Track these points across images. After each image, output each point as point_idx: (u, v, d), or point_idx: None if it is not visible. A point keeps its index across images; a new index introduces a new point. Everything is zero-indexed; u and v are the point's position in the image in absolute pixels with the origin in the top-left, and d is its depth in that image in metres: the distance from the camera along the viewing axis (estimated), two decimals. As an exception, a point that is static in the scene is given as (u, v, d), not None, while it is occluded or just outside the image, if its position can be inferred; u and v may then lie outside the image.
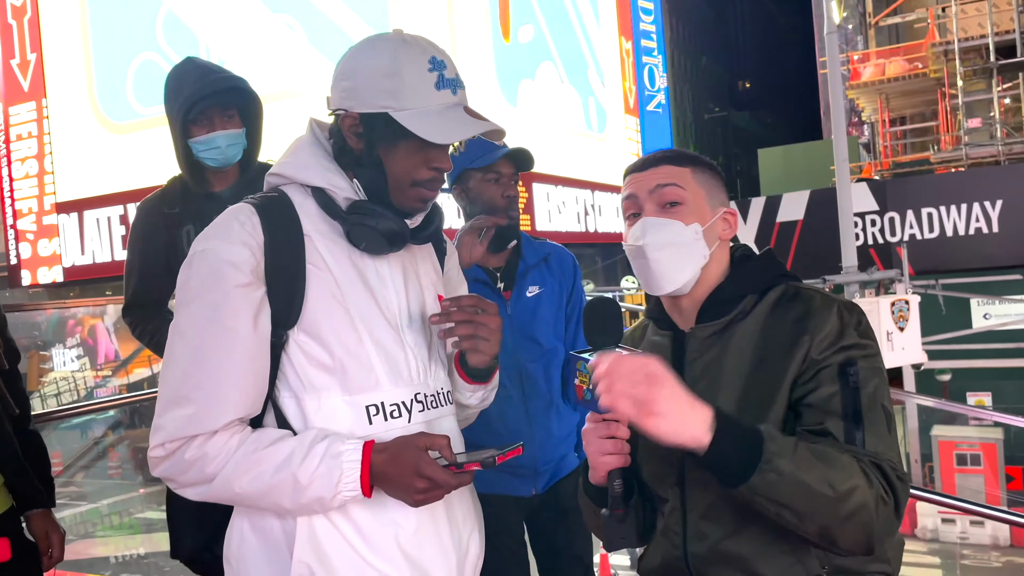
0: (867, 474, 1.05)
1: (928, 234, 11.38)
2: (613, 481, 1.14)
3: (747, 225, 12.90)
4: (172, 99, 2.03)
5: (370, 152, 1.23)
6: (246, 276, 1.17)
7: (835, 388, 1.11)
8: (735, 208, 1.29)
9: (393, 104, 1.18)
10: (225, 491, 1.17)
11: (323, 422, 1.20)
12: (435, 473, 1.13)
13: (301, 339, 1.20)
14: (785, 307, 1.19)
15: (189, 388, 1.15)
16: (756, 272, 1.24)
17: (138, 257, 2.18)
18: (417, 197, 1.24)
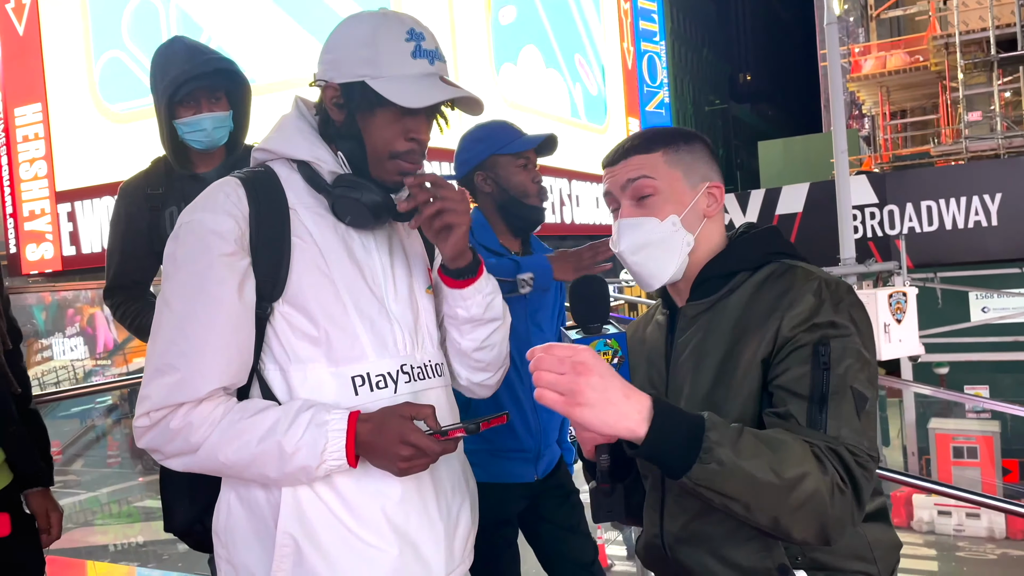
0: (820, 460, 0.99)
1: (927, 227, 11.37)
2: (600, 456, 1.13)
3: (746, 217, 12.89)
4: (159, 79, 2.01)
5: (350, 123, 1.24)
6: (230, 245, 1.18)
7: (805, 368, 1.05)
8: (719, 180, 1.23)
9: (369, 72, 1.20)
10: (210, 461, 1.17)
11: (309, 393, 1.20)
12: (419, 440, 1.13)
13: (286, 310, 1.21)
14: (772, 284, 1.14)
15: (174, 356, 1.16)
16: (749, 249, 1.21)
17: (120, 238, 2.16)
18: (396, 170, 1.24)
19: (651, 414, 0.96)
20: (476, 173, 2.08)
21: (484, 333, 1.36)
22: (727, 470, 0.95)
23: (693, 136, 1.25)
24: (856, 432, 1.03)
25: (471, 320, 1.34)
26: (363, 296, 1.24)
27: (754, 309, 1.13)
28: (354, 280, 1.24)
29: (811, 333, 1.06)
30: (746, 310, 1.14)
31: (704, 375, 1.16)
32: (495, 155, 2.06)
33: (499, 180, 2.07)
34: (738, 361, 1.12)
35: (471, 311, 1.33)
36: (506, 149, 2.06)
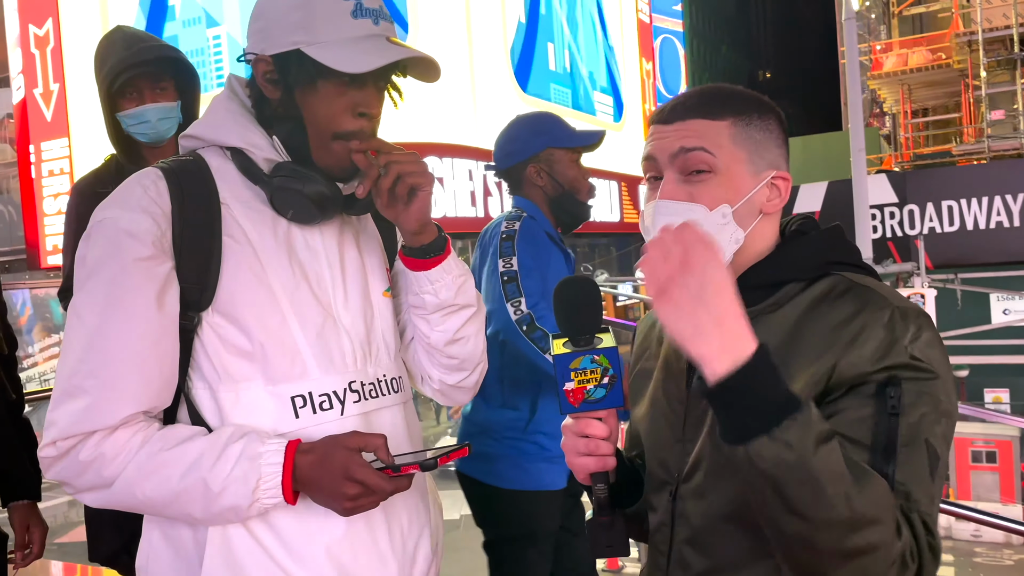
0: (899, 523, 0.80)
1: (948, 227, 11.23)
2: (596, 484, 0.98)
3: (763, 216, 12.79)
4: (98, 70, 1.90)
5: (287, 101, 1.08)
6: (147, 248, 1.02)
7: (868, 411, 0.84)
8: (787, 169, 0.99)
9: (304, 38, 1.04)
10: (127, 497, 1.02)
11: (243, 416, 1.06)
12: (367, 477, 0.99)
13: (216, 321, 1.06)
14: (830, 305, 0.91)
15: (83, 377, 1.01)
16: (804, 255, 0.97)
17: (72, 238, 2.02)
18: (344, 152, 1.07)
19: (744, 358, 0.77)
20: (529, 165, 2.02)
21: (457, 322, 1.18)
22: (795, 461, 0.75)
23: (769, 108, 0.98)
24: (929, 498, 0.84)
25: (441, 307, 1.17)
26: (306, 303, 1.09)
27: (805, 334, 0.91)
28: (296, 285, 1.09)
29: (880, 373, 0.85)
30: (795, 333, 0.91)
31: None
32: (552, 148, 2.01)
33: (554, 174, 2.02)
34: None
35: (440, 295, 1.16)
36: (564, 143, 2.02)
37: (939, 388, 0.86)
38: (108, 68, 1.87)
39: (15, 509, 1.82)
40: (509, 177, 2.08)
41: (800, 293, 0.95)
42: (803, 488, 0.76)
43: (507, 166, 2.07)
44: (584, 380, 0.94)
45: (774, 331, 0.92)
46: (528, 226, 1.97)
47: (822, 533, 0.77)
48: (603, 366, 0.94)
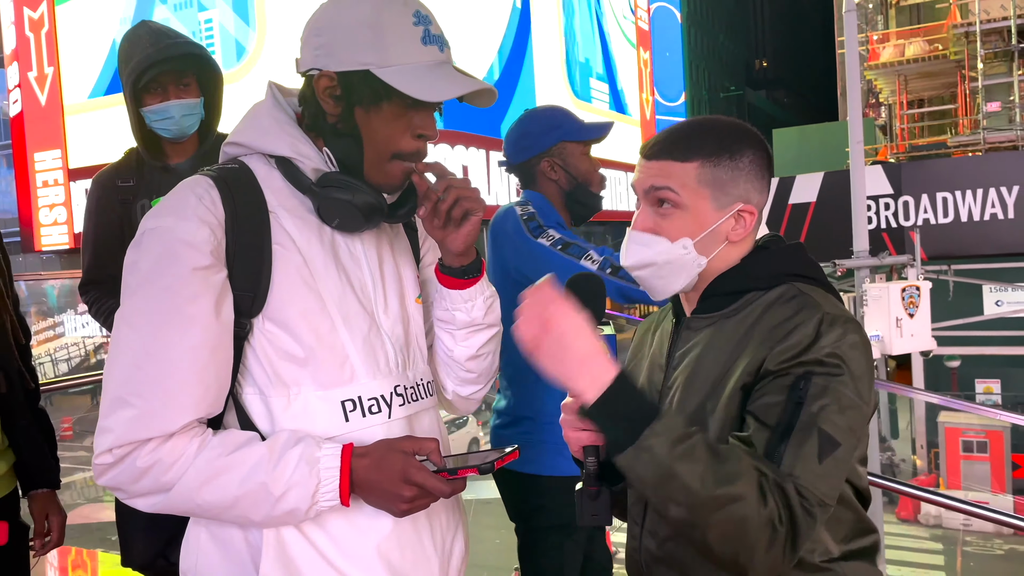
0: (764, 491, 0.92)
1: (942, 219, 11.25)
2: (587, 457, 1.07)
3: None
4: (123, 65, 1.91)
5: (348, 117, 1.09)
6: (205, 257, 1.03)
7: (780, 399, 0.98)
8: (759, 200, 1.11)
9: (374, 59, 1.05)
10: (185, 502, 1.03)
11: (293, 421, 1.07)
12: (426, 480, 1.03)
13: (267, 328, 1.07)
14: (777, 309, 1.05)
15: (140, 385, 1.01)
16: (764, 267, 1.11)
17: (92, 232, 2.07)
18: (399, 172, 1.11)
19: (606, 385, 0.94)
20: (543, 159, 2.03)
21: (481, 340, 1.24)
22: (656, 464, 0.91)
23: (743, 144, 1.10)
24: (813, 475, 0.96)
25: (471, 324, 1.22)
26: (352, 310, 1.11)
27: (753, 334, 1.05)
28: (343, 292, 1.11)
29: (799, 367, 0.99)
30: (746, 333, 1.06)
31: (694, 392, 1.09)
32: (565, 141, 2.02)
33: (568, 167, 2.03)
34: (727, 384, 1.05)
35: (472, 314, 1.21)
36: (576, 136, 2.03)
37: (846, 384, 0.99)
38: (134, 64, 1.88)
39: (35, 498, 1.83)
40: (522, 172, 2.08)
41: (757, 299, 1.08)
42: (670, 481, 0.92)
43: (520, 161, 2.06)
44: None
45: (728, 333, 1.08)
46: (541, 206, 2.01)
47: (694, 514, 0.93)
48: None
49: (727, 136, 1.10)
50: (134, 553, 1.38)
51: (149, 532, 1.26)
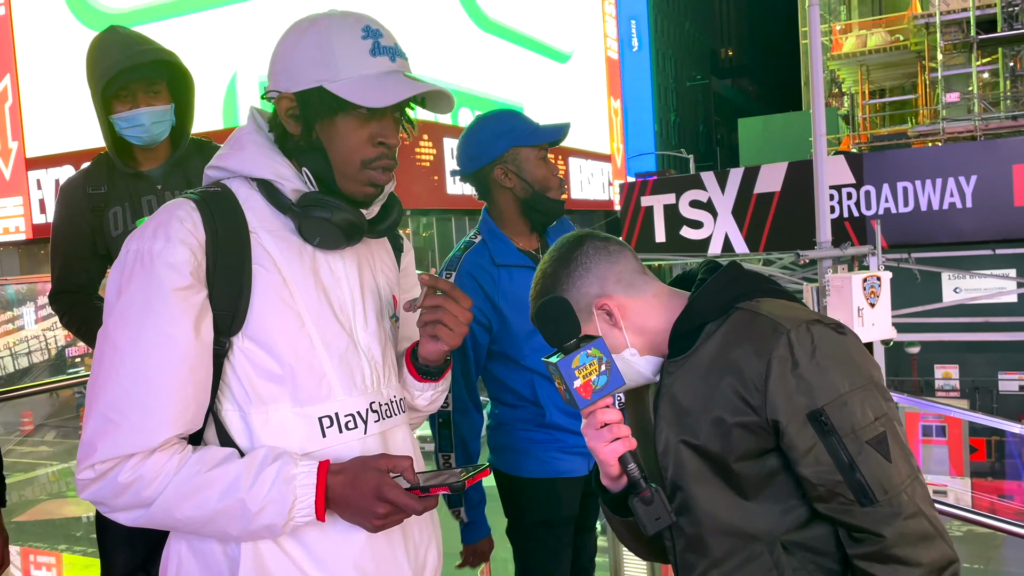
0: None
1: (903, 208, 11.45)
2: (627, 466, 1.10)
3: (725, 196, 12.91)
4: (91, 71, 1.89)
5: (309, 135, 1.14)
6: (186, 279, 1.07)
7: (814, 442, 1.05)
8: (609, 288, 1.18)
9: (326, 75, 1.10)
10: (165, 517, 1.07)
11: (271, 437, 1.10)
12: (398, 497, 1.06)
13: (246, 346, 1.10)
14: (737, 338, 1.12)
15: (122, 402, 1.05)
16: (711, 300, 1.17)
17: (62, 242, 2.03)
18: (367, 180, 1.14)
19: None
20: (496, 167, 1.94)
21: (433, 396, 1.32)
22: None
23: (567, 257, 1.20)
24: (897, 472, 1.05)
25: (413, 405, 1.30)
26: (330, 328, 1.15)
27: (722, 366, 1.11)
28: (320, 310, 1.14)
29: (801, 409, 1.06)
30: (714, 368, 1.12)
31: (684, 431, 1.14)
32: (517, 147, 1.93)
33: (522, 173, 1.94)
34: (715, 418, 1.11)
35: (416, 400, 1.29)
36: (528, 141, 1.94)
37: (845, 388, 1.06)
38: (102, 70, 1.85)
39: None
40: (476, 181, 2.01)
41: (714, 333, 1.14)
42: None
43: (472, 171, 1.99)
44: (587, 374, 1.08)
45: (699, 365, 1.13)
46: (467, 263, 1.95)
47: None
48: (597, 356, 1.08)
49: (559, 265, 1.19)
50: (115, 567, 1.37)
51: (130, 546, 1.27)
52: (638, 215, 14.23)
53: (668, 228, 13.81)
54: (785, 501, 1.10)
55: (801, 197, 10.16)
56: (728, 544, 1.12)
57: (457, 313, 1.17)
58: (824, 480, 1.05)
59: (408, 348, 1.28)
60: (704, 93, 48.28)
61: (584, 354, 1.08)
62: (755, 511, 1.11)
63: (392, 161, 1.16)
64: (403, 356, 1.29)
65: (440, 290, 1.18)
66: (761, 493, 1.11)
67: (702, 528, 1.14)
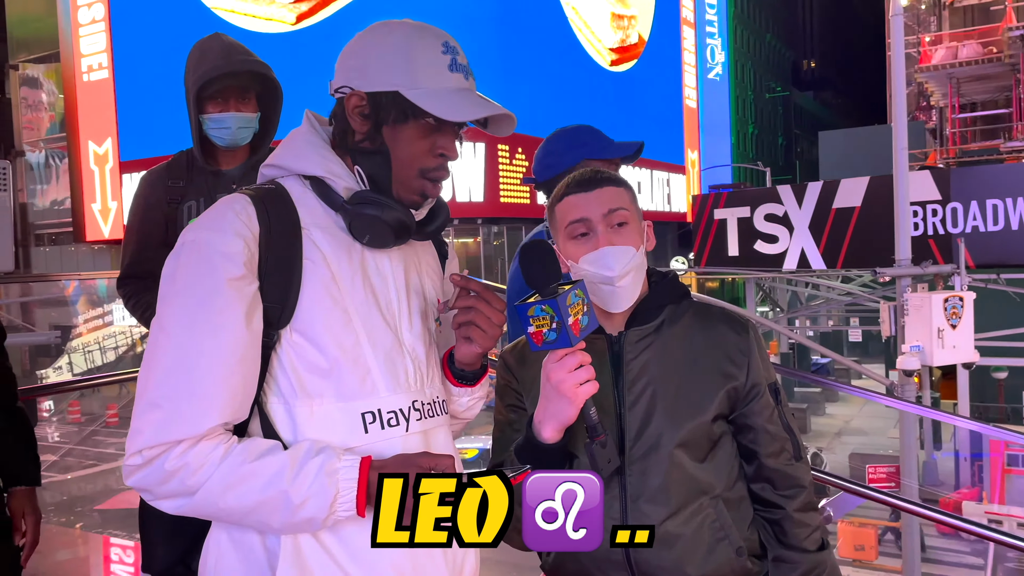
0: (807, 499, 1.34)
1: (992, 226, 10.98)
2: (589, 410, 1.16)
3: (802, 210, 12.61)
4: (191, 71, 2.01)
5: (375, 135, 1.16)
6: (239, 269, 1.08)
7: (771, 406, 1.33)
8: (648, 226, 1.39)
9: (404, 82, 1.13)
10: (208, 506, 1.07)
11: (314, 430, 1.12)
12: None
13: (294, 339, 1.12)
14: (710, 318, 1.36)
15: (172, 388, 1.06)
16: (671, 288, 1.38)
17: (137, 228, 2.13)
18: (420, 189, 1.18)
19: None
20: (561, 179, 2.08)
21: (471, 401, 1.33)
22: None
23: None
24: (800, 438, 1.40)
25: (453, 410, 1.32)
26: (376, 325, 1.16)
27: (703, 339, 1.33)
28: (368, 308, 1.16)
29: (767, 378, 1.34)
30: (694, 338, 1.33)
31: (664, 392, 1.29)
32: (588, 160, 2.04)
33: None
34: (699, 382, 1.30)
35: (452, 406, 1.30)
36: (600, 154, 2.05)
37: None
38: (202, 72, 1.97)
39: (13, 495, 1.87)
40: (548, 190, 2.10)
41: (678, 311, 1.36)
42: None
43: (545, 179, 2.10)
44: (540, 325, 1.13)
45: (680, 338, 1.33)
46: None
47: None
48: (582, 296, 1.14)
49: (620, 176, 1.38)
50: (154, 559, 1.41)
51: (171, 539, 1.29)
52: (711, 228, 14.03)
53: (742, 242, 13.58)
54: (728, 462, 1.31)
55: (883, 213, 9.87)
56: (684, 496, 1.26)
57: (490, 314, 1.18)
58: (779, 437, 1.33)
59: (445, 352, 1.28)
60: (784, 105, 47.31)
61: (574, 293, 1.12)
62: (706, 469, 1.29)
63: (447, 172, 1.19)
64: (442, 360, 1.30)
65: (472, 291, 1.19)
66: (711, 454, 1.30)
67: (669, 480, 1.26)
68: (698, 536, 1.27)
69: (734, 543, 1.29)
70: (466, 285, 1.19)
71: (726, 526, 1.28)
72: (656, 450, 1.27)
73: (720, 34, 23.13)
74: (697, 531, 1.27)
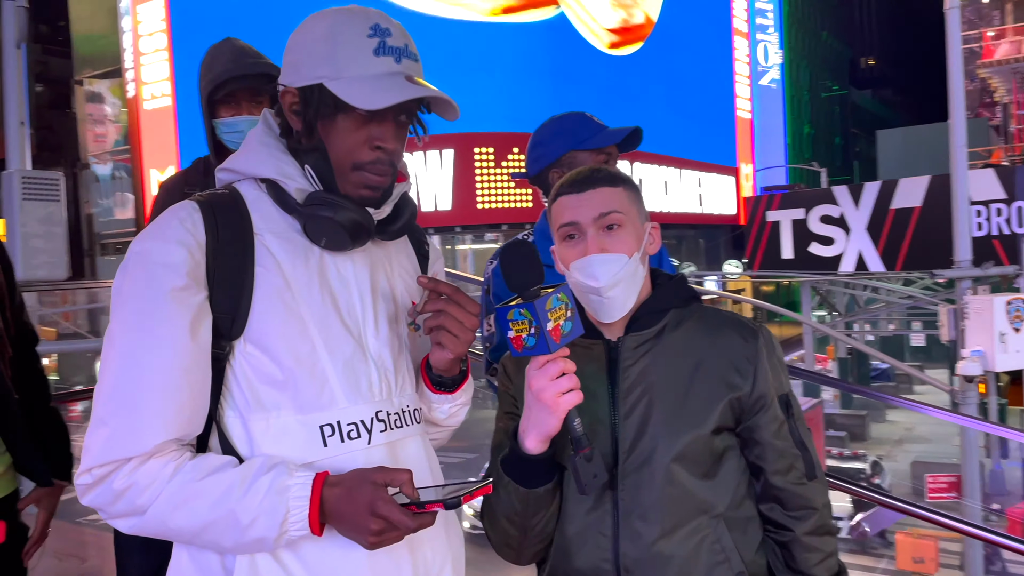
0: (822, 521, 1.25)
1: (1061, 226, 10.56)
2: (573, 421, 1.10)
3: (859, 211, 12.32)
4: (203, 76, 2.00)
5: (310, 132, 1.12)
6: (182, 279, 1.05)
7: (781, 419, 1.24)
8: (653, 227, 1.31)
9: (328, 72, 1.08)
10: (158, 525, 1.04)
11: (272, 445, 1.07)
12: (391, 513, 1.00)
13: (248, 350, 1.08)
14: (717, 323, 1.27)
15: (116, 405, 1.03)
16: (676, 290, 1.31)
17: None
18: (361, 183, 1.11)
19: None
20: (552, 171, 1.90)
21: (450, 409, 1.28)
22: None
23: (632, 180, 1.32)
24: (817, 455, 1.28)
25: (429, 417, 1.27)
26: (335, 333, 1.12)
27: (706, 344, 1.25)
28: (326, 315, 1.11)
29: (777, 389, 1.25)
30: (697, 344, 1.25)
31: (664, 400, 1.22)
32: (574, 151, 1.88)
33: None
34: (703, 390, 1.22)
35: (432, 414, 1.25)
36: (586, 144, 1.88)
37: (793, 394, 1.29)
38: (212, 75, 1.97)
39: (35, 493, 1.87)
40: (539, 184, 1.96)
41: (683, 316, 1.28)
42: None
43: (534, 173, 1.95)
44: (520, 329, 1.08)
45: (681, 345, 1.25)
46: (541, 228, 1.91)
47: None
48: (565, 301, 1.09)
49: (622, 174, 1.30)
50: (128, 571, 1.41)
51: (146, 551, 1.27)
52: (763, 230, 13.78)
53: (796, 244, 13.31)
54: (733, 479, 1.22)
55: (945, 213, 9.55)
56: (681, 514, 1.19)
57: (462, 318, 1.13)
58: (788, 454, 1.23)
59: (424, 358, 1.23)
60: (841, 104, 46.30)
61: (555, 297, 1.07)
62: (707, 485, 1.20)
63: (388, 167, 1.13)
64: (419, 366, 1.25)
65: (443, 294, 1.14)
66: (713, 470, 1.21)
67: (664, 496, 1.18)
68: (694, 558, 1.19)
69: (735, 567, 1.21)
70: (435, 287, 1.15)
71: (727, 548, 1.20)
72: (650, 464, 1.20)
73: (776, 28, 22.63)
74: (694, 552, 1.19)
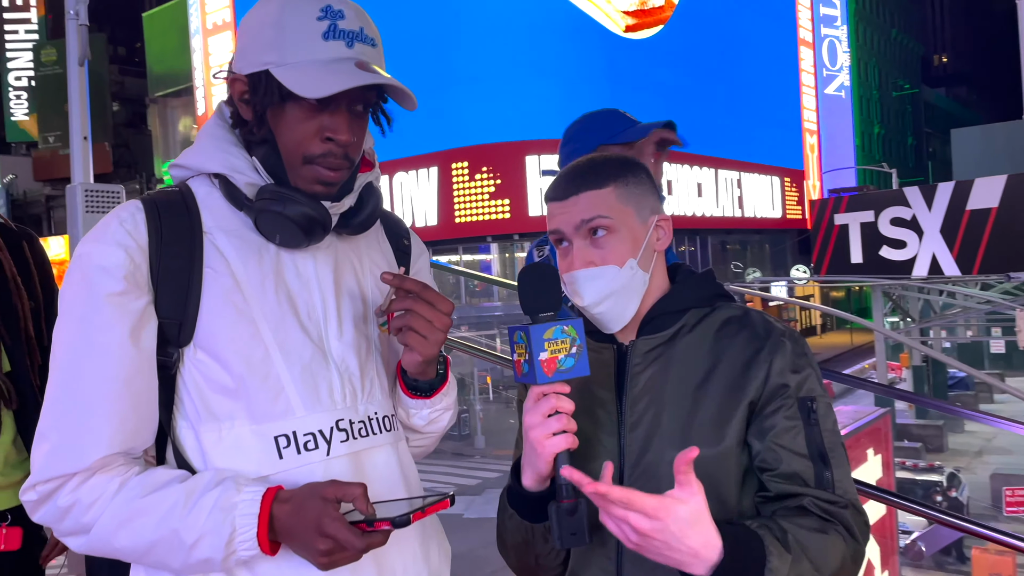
0: (844, 538, 1.03)
1: None
2: (560, 466, 0.98)
3: (932, 213, 11.92)
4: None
5: (260, 122, 1.04)
6: (119, 284, 0.98)
7: (796, 424, 1.07)
8: (667, 213, 1.18)
9: (274, 58, 1.00)
10: (104, 545, 0.97)
11: (225, 457, 1.00)
12: (338, 532, 0.91)
13: (197, 357, 1.01)
14: (736, 325, 1.13)
15: (56, 418, 0.97)
16: (699, 287, 1.17)
17: None
18: (312, 178, 1.03)
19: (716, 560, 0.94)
20: None
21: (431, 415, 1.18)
22: None
23: (637, 166, 1.17)
24: (852, 487, 1.08)
25: (408, 424, 1.18)
26: (292, 336, 1.03)
27: (724, 348, 1.11)
28: (282, 317, 1.03)
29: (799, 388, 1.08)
30: (714, 348, 1.11)
31: (674, 409, 1.09)
32: (605, 145, 1.80)
33: None
34: (718, 398, 1.08)
35: (411, 420, 1.16)
36: (613, 139, 1.81)
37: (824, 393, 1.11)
38: None
39: None
40: None
41: (703, 318, 1.14)
42: None
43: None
44: (556, 350, 0.99)
45: (696, 349, 1.12)
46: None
47: None
48: (571, 336, 1.00)
49: (621, 163, 1.15)
50: None
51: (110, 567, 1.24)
52: (831, 234, 13.41)
53: (865, 248, 12.92)
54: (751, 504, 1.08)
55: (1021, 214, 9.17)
56: None
57: (431, 317, 1.04)
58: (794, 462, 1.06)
59: (399, 362, 1.13)
60: (913, 103, 44.92)
61: (560, 328, 0.99)
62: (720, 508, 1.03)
63: (341, 160, 1.04)
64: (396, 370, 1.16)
65: (410, 291, 1.05)
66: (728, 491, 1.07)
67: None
68: None
69: None
70: (400, 284, 1.05)
71: None
72: (656, 480, 1.06)
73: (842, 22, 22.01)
74: None
